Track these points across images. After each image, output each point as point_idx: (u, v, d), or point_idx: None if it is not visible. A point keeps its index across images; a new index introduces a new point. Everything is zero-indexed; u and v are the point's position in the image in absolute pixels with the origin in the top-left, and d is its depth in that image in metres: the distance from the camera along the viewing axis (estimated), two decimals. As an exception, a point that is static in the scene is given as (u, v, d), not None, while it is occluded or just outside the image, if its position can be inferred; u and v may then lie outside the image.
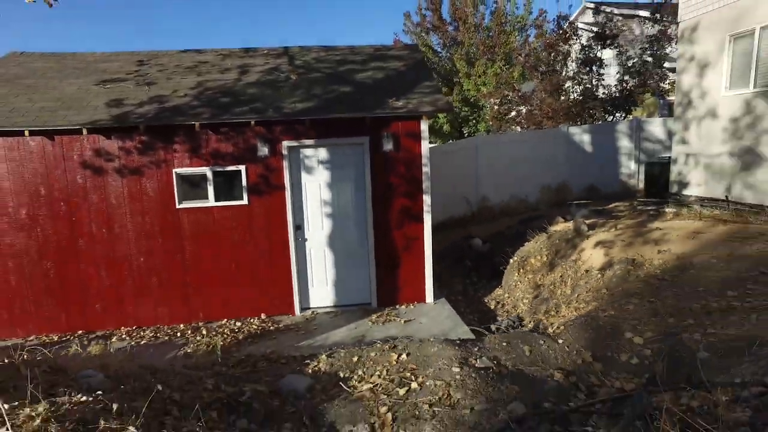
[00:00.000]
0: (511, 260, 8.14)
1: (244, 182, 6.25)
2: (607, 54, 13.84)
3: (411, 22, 21.16)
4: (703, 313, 3.90)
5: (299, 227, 6.51)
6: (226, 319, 6.44)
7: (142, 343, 5.89)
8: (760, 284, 4.24)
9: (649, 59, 13.38)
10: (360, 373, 3.84)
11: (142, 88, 6.60)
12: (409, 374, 3.55)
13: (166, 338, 5.98)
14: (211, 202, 6.26)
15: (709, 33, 7.98)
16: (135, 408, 2.70)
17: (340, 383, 3.67)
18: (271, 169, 6.29)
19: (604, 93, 13.45)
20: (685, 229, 6.41)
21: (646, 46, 13.50)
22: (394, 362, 3.84)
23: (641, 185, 11.72)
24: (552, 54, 13.81)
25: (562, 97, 14.05)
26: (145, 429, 2.56)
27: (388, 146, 6.34)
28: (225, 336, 5.88)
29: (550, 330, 4.39)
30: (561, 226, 8.56)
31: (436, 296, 6.85)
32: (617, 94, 13.37)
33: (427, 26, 20.55)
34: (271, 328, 6.13)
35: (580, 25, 15.44)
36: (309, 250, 6.60)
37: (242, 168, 6.22)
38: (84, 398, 2.70)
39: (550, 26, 15.98)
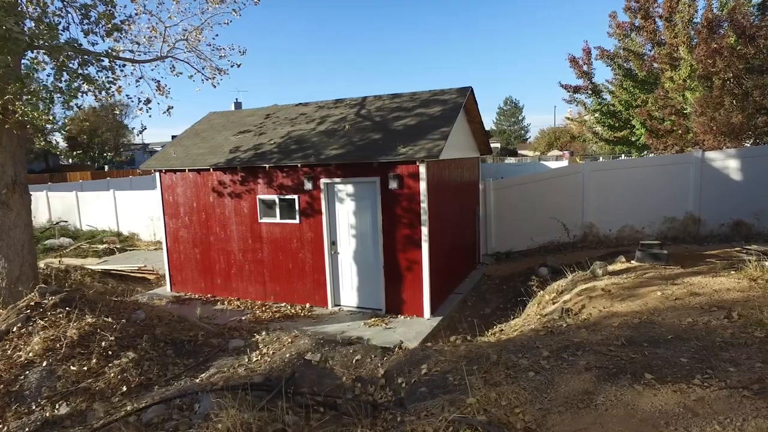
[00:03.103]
0: (540, 293, 8.44)
1: (297, 207, 8.72)
2: None
3: (616, 23, 20.05)
4: (492, 363, 4.51)
5: (333, 243, 8.62)
6: (284, 303, 9.06)
7: (230, 308, 9.00)
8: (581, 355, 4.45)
9: None
10: (268, 345, 5.88)
11: (254, 137, 9.74)
12: (278, 351, 5.45)
13: (243, 308, 8.95)
14: (278, 219, 8.94)
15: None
16: (131, 328, 5.46)
17: (248, 349, 5.80)
18: (314, 198, 8.58)
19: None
20: (695, 288, 5.66)
21: None
22: (284, 344, 5.75)
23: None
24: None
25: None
26: (120, 339, 5.28)
27: (394, 185, 7.87)
28: (270, 313, 8.51)
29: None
30: (618, 266, 8.36)
31: (434, 313, 8.02)
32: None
33: (631, 25, 19.29)
34: (302, 314, 8.46)
35: None
36: (340, 261, 8.65)
37: (296, 197, 8.70)
38: (110, 320, 5.61)
39: None
